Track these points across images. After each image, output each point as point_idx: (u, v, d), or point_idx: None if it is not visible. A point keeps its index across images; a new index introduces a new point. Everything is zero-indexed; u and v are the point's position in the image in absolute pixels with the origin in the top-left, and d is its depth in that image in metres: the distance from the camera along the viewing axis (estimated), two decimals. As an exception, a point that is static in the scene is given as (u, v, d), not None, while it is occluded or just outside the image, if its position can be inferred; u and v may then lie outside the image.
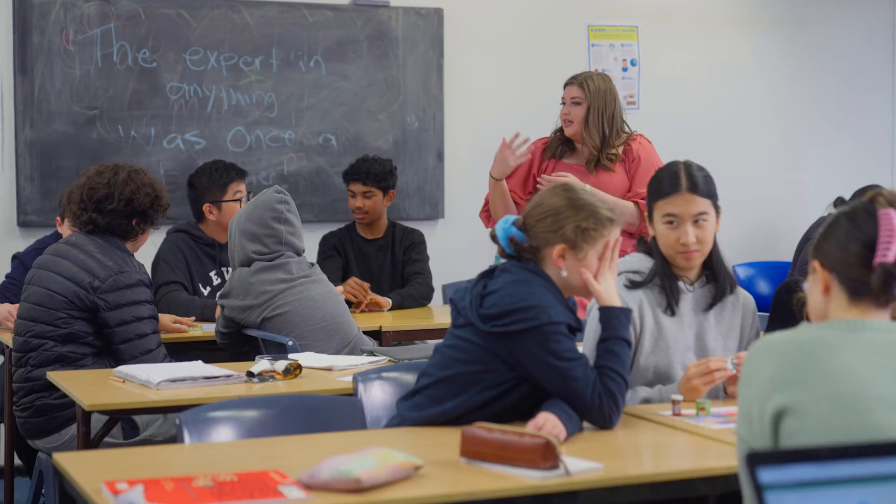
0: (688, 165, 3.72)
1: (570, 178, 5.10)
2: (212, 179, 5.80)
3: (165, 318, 5.20)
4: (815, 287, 2.50)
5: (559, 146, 5.65)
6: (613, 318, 3.35)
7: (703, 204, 3.66)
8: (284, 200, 4.96)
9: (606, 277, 3.36)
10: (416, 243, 6.33)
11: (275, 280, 4.84)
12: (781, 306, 3.90)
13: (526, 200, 5.35)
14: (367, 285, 5.96)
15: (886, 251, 2.39)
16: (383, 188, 6.29)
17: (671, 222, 3.66)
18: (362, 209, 6.28)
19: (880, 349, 2.39)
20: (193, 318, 5.38)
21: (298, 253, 4.95)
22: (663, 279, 3.70)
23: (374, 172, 6.26)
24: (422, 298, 6.14)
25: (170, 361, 4.60)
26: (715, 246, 3.73)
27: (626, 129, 5.64)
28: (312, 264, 5.00)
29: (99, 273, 4.60)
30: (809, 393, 2.34)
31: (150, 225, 4.83)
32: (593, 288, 3.34)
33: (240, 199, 5.79)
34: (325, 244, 6.32)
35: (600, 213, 3.35)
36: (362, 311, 5.86)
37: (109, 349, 4.62)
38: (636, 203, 5.43)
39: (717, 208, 3.70)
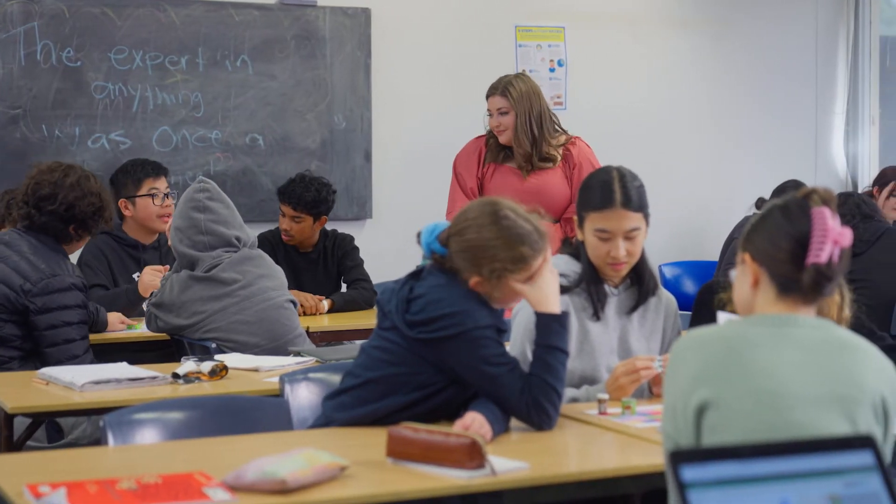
0: (622, 176, 3.64)
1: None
2: (127, 175, 5.78)
3: (114, 318, 5.17)
4: (744, 279, 2.51)
5: (499, 151, 5.69)
6: (544, 326, 3.31)
7: (636, 219, 3.61)
8: (203, 188, 4.78)
9: (542, 282, 3.31)
10: (348, 250, 6.23)
11: (207, 298, 4.66)
12: (704, 306, 3.93)
13: None
14: (317, 301, 5.86)
15: (819, 251, 2.41)
16: (314, 214, 6.11)
17: (602, 237, 3.63)
18: (289, 232, 6.13)
19: (804, 346, 2.41)
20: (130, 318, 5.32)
21: (230, 243, 4.74)
22: (590, 286, 3.68)
23: (306, 200, 6.07)
24: (365, 303, 6.01)
25: (94, 363, 4.55)
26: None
27: (558, 124, 5.69)
28: (252, 258, 4.78)
29: (30, 276, 4.54)
30: (731, 388, 2.37)
31: (87, 233, 4.78)
32: (527, 296, 3.32)
33: (153, 195, 5.73)
34: None
35: (520, 252, 3.25)
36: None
37: (38, 352, 4.56)
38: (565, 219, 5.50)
39: (647, 218, 3.67)
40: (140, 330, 5.17)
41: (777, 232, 2.46)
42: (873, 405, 2.39)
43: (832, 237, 2.41)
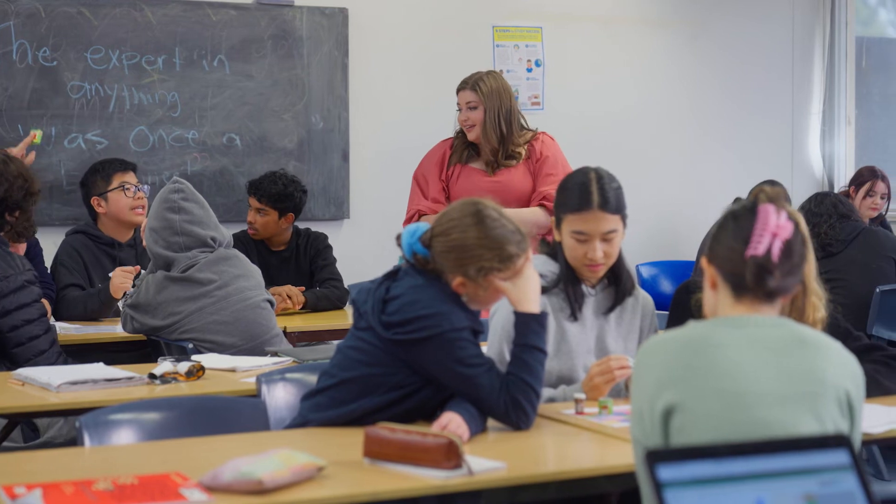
0: (599, 177, 3.63)
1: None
2: (96, 174, 5.77)
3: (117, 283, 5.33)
4: (706, 284, 2.57)
5: (464, 150, 5.69)
6: (523, 325, 3.32)
7: (613, 221, 3.61)
8: (178, 189, 4.74)
9: (523, 281, 3.32)
10: (321, 249, 6.22)
11: (183, 298, 4.63)
12: (680, 306, 3.94)
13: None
14: (298, 294, 5.86)
15: (758, 245, 2.46)
16: (279, 209, 6.13)
17: (580, 239, 3.63)
18: (253, 225, 6.17)
19: (764, 344, 2.44)
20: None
21: (205, 243, 4.71)
22: (567, 286, 3.69)
23: (270, 192, 6.10)
24: (338, 301, 6.03)
25: (70, 363, 4.54)
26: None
27: (525, 125, 5.70)
28: (229, 258, 4.76)
29: None
30: (695, 389, 2.39)
31: (24, 213, 4.72)
32: (509, 294, 3.32)
33: (125, 188, 5.72)
34: None
35: (507, 251, 3.27)
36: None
37: (4, 352, 4.54)
38: (542, 205, 5.47)
39: (625, 220, 3.67)
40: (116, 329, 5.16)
41: (728, 234, 2.52)
42: (837, 399, 2.41)
43: (771, 230, 2.46)
